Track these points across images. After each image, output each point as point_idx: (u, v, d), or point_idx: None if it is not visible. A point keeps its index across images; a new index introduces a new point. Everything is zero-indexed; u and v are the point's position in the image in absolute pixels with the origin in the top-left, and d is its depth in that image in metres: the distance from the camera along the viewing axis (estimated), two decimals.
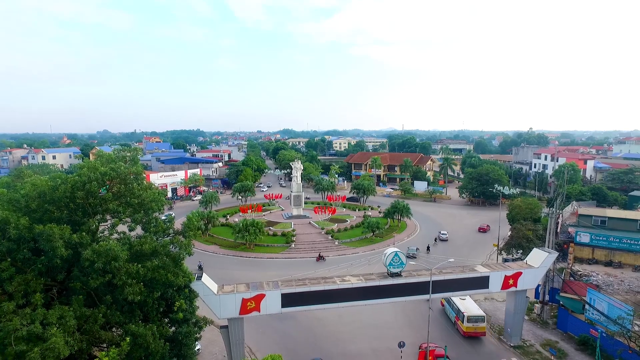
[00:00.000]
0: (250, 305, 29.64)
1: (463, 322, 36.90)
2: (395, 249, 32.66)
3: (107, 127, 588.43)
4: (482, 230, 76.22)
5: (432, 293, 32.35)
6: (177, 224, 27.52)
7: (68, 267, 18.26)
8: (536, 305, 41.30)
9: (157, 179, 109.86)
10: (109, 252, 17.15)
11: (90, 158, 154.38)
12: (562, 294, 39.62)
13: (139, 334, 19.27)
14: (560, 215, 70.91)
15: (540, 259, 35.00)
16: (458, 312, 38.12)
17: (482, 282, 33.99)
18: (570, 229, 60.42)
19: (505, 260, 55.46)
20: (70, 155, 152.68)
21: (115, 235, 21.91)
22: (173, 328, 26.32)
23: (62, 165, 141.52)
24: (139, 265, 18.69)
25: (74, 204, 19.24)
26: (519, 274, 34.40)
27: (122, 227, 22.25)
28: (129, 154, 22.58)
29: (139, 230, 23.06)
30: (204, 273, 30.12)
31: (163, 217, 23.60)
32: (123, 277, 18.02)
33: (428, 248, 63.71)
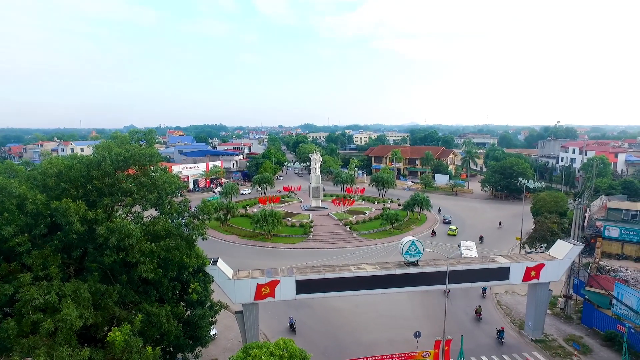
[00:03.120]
0: (264, 291, 29.71)
1: None
2: (412, 238, 32.04)
3: (133, 122, 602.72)
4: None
5: (449, 283, 31.70)
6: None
7: (84, 244, 18.61)
8: (560, 299, 39.88)
9: (178, 170, 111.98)
10: (122, 229, 17.37)
11: None
12: (587, 288, 38.09)
13: (153, 312, 19.52)
14: (588, 208, 68.33)
15: (564, 251, 33.69)
16: (460, 255, 48.03)
17: (502, 273, 33.01)
18: (598, 223, 58.04)
19: (528, 254, 53.88)
20: None
21: (130, 216, 22.24)
22: (188, 311, 26.68)
23: None
24: (153, 244, 18.89)
25: (90, 184, 19.59)
26: (541, 266, 33.22)
27: (137, 209, 22.58)
28: (144, 136, 22.82)
29: (154, 212, 23.36)
30: (219, 258, 30.36)
31: (179, 200, 23.72)
32: (137, 255, 18.22)
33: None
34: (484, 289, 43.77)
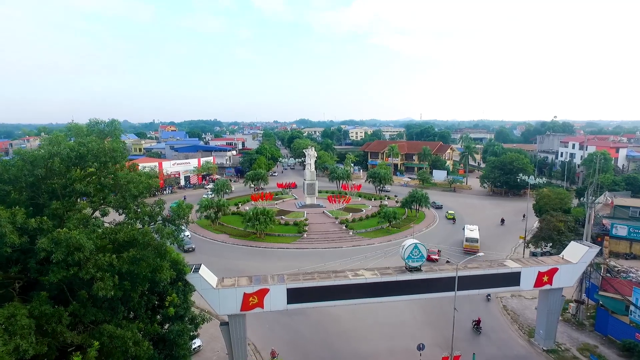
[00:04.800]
0: (252, 301, 26.82)
1: (464, 242, 55.92)
2: (415, 240, 29.24)
3: (127, 117, 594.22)
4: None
5: (455, 290, 29.00)
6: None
7: (25, 259, 15.59)
8: (571, 304, 37.32)
9: (169, 167, 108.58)
10: (70, 240, 14.31)
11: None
12: (601, 293, 35.56)
13: (117, 335, 16.56)
14: (593, 205, 65.93)
15: (579, 254, 31.04)
16: (464, 237, 57.38)
17: (512, 279, 30.30)
18: (605, 221, 55.64)
19: (534, 254, 51.43)
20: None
21: (97, 222, 19.19)
22: (167, 325, 23.77)
23: None
24: (113, 256, 15.87)
25: (37, 185, 16.50)
26: (554, 270, 30.57)
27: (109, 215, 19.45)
28: (107, 128, 19.59)
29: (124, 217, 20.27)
30: (202, 265, 27.40)
31: (153, 202, 20.62)
32: (91, 270, 15.22)
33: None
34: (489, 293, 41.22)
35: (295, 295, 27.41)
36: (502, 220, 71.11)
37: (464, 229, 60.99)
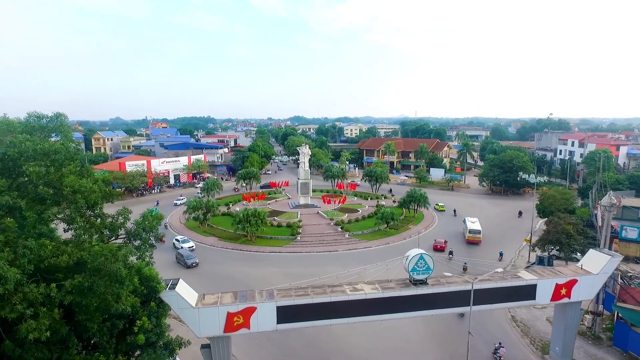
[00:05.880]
0: (237, 321, 23.58)
1: (467, 233, 58.39)
2: (421, 251, 26.13)
3: (120, 114, 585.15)
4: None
5: (463, 306, 26.10)
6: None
7: None
8: (586, 316, 34.49)
9: (158, 165, 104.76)
10: None
11: (93, 144, 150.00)
12: (619, 304, 32.72)
13: None
14: (598, 206, 63.38)
15: (599, 264, 28.14)
16: (466, 228, 59.55)
17: (527, 292, 27.35)
18: (613, 223, 52.89)
19: (540, 258, 48.66)
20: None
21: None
22: (137, 353, 20.51)
23: None
24: (52, 286, 12.56)
25: None
26: (573, 282, 27.66)
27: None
28: (50, 124, 16.11)
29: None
30: (180, 280, 24.10)
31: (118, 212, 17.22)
32: (18, 307, 11.95)
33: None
34: None
35: (287, 314, 24.24)
36: (520, 213, 73.13)
37: (464, 221, 63.01)
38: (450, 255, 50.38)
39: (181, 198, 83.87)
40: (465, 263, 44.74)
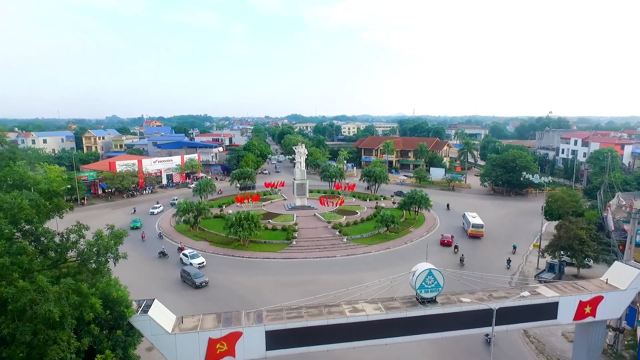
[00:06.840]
0: (220, 348, 20.57)
1: (469, 228, 59.40)
2: (429, 265, 23.15)
3: (116, 112, 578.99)
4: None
5: (479, 327, 23.16)
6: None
7: None
8: (607, 332, 31.59)
9: (150, 164, 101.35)
10: None
11: (84, 143, 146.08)
12: None
13: None
14: (608, 209, 60.74)
15: (628, 278, 25.25)
16: (468, 223, 60.46)
17: (547, 311, 24.44)
18: (626, 226, 50.12)
19: (551, 265, 45.71)
20: (62, 139, 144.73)
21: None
22: None
23: (54, 150, 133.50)
24: None
25: None
26: (598, 299, 24.78)
27: None
28: None
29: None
30: (155, 301, 21.03)
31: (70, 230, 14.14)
32: None
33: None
34: None
35: (277, 339, 21.24)
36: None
37: (463, 216, 64.45)
38: (456, 250, 52.84)
39: (176, 199, 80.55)
40: (462, 255, 49.54)
